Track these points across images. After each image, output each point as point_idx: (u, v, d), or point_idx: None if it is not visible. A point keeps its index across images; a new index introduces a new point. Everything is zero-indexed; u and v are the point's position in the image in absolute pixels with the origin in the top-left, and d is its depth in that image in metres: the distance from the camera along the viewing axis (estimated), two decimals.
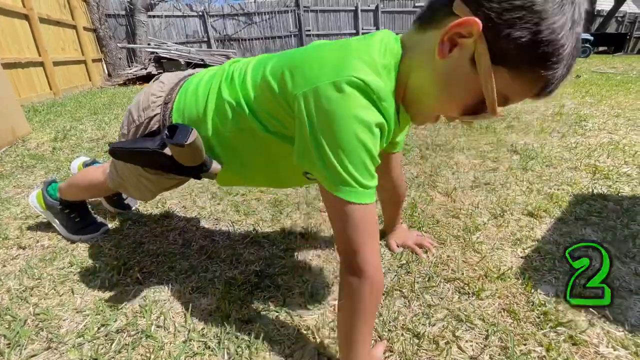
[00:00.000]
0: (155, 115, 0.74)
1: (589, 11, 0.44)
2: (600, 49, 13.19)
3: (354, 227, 0.52)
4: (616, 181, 1.42)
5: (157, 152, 0.66)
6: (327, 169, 0.50)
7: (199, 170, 0.69)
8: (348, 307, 0.57)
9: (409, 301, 0.81)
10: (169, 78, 0.79)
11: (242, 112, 0.62)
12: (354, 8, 9.76)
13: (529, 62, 0.44)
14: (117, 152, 0.73)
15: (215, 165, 0.69)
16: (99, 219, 1.17)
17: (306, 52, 0.57)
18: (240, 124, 0.64)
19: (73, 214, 1.10)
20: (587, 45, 10.87)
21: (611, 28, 14.65)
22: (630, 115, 2.49)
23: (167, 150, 0.65)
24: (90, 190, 1.07)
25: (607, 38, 13.31)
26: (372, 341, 0.71)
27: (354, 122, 0.48)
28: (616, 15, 14.49)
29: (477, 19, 0.43)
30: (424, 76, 0.53)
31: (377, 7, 9.96)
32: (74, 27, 5.50)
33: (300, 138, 0.53)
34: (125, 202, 1.30)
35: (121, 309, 0.81)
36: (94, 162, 1.31)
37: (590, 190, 1.34)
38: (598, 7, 14.14)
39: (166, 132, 0.62)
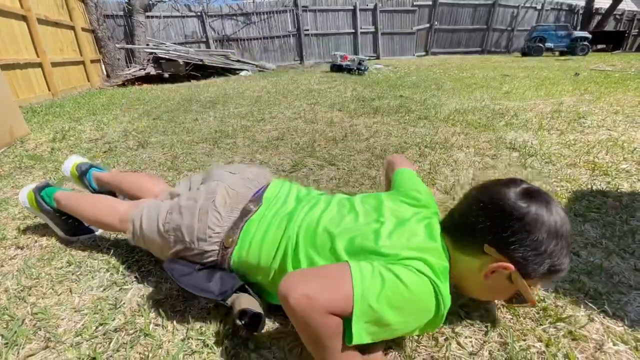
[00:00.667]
0: (211, 251, 0.78)
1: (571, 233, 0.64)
2: (599, 46, 13.19)
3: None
4: (615, 177, 1.42)
5: (218, 301, 0.72)
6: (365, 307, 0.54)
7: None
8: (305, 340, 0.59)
9: None
10: (225, 210, 0.80)
11: None
12: (352, 7, 9.75)
13: (550, 275, 0.62)
14: (173, 279, 0.75)
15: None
16: None
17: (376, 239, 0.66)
18: None
19: (70, 219, 1.08)
20: (586, 43, 10.89)
21: (609, 26, 14.65)
22: (629, 112, 2.49)
23: (229, 301, 0.71)
24: (97, 223, 1.04)
25: (606, 36, 13.31)
26: None
27: (414, 311, 0.59)
28: (614, 13, 14.49)
29: (511, 265, 0.60)
30: (470, 284, 0.68)
31: (375, 6, 9.96)
32: (72, 27, 5.48)
33: (373, 265, 0.60)
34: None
35: (119, 308, 0.81)
36: (91, 166, 1.25)
37: (589, 186, 1.34)
38: (596, 5, 14.13)
39: (238, 313, 0.68)
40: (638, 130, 2.06)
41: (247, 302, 0.69)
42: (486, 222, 0.62)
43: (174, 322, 0.76)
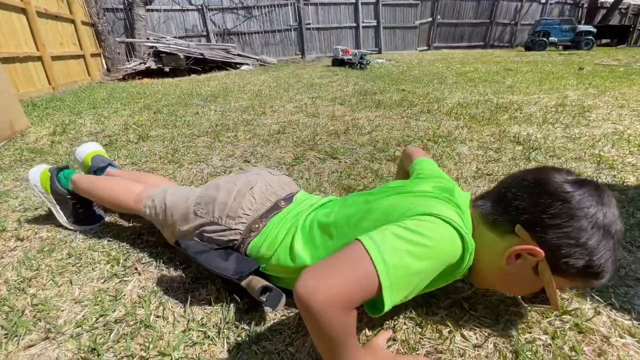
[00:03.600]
0: (235, 229, 0.79)
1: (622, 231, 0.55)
2: (603, 41, 13.06)
3: (362, 287, 0.50)
4: (621, 171, 1.40)
5: (233, 280, 0.72)
6: (391, 253, 0.51)
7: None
8: (323, 340, 0.51)
9: None
10: (260, 197, 0.82)
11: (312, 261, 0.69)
12: (354, 1, 9.66)
13: (583, 276, 0.54)
14: (188, 254, 0.76)
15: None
16: (98, 210, 1.16)
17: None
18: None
19: (79, 204, 1.09)
20: (590, 37, 10.78)
21: (614, 20, 14.49)
22: (634, 106, 2.46)
23: (244, 283, 0.72)
24: (111, 205, 1.05)
25: (611, 30, 13.18)
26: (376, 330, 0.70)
27: (436, 257, 0.54)
28: (619, 7, 14.31)
29: (540, 250, 0.53)
30: (490, 268, 0.61)
31: (377, 0, 9.86)
32: (72, 21, 5.44)
33: (384, 227, 0.55)
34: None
35: (120, 299, 0.80)
36: (109, 164, 1.24)
37: (595, 179, 1.32)
38: None
39: (260, 290, 0.69)
40: None
41: (262, 282, 0.71)
42: (525, 199, 0.56)
43: (175, 313, 0.75)
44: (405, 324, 0.70)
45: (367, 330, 0.70)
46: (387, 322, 0.71)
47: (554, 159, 1.56)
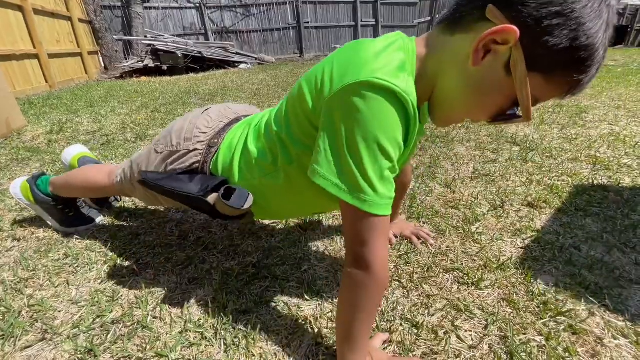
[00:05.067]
0: (194, 150, 0.74)
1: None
2: None
3: (367, 230, 0.50)
4: (617, 172, 1.41)
5: (200, 199, 0.67)
6: (343, 175, 0.49)
7: (238, 218, 0.73)
8: (351, 302, 0.55)
9: (407, 291, 0.80)
10: (218, 115, 0.79)
11: (265, 156, 0.66)
12: (353, 0, 9.64)
13: (564, 66, 0.44)
14: (150, 184, 0.73)
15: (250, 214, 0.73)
16: (89, 210, 1.15)
17: (326, 61, 0.55)
18: (265, 169, 0.67)
19: (67, 209, 1.08)
20: None
21: None
22: (631, 107, 2.47)
23: (210, 199, 0.68)
24: (91, 191, 1.04)
25: None
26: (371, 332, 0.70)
27: (378, 126, 0.47)
28: (617, 7, 14.34)
29: (515, 27, 0.42)
30: (454, 82, 0.51)
31: None
32: (69, 18, 5.40)
33: (319, 145, 0.51)
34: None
35: (117, 300, 0.80)
36: (95, 162, 1.21)
37: (591, 181, 1.33)
38: None
39: (222, 192, 0.66)
40: None
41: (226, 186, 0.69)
42: None
43: (172, 314, 0.76)
44: (401, 325, 0.71)
45: None
46: (383, 323, 0.72)
47: (550, 159, 1.57)
